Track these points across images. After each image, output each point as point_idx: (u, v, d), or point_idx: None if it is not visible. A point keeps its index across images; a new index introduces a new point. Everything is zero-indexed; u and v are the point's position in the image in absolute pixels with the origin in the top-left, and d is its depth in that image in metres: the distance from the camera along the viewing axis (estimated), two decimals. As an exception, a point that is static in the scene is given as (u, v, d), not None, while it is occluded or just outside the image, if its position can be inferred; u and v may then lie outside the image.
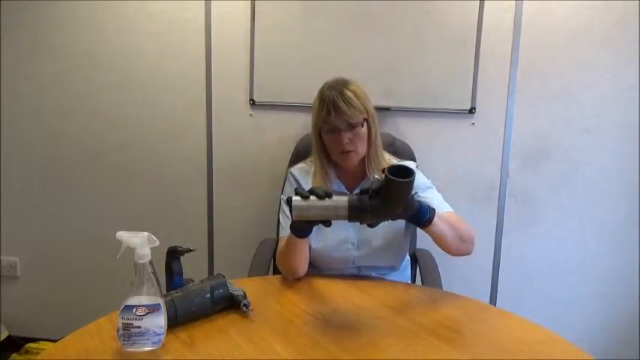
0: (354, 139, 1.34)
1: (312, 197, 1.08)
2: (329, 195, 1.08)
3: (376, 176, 1.39)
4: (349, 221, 1.08)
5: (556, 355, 1.00)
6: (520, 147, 1.95)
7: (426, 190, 1.41)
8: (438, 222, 1.19)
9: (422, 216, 1.15)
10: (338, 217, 1.08)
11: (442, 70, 1.90)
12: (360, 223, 1.09)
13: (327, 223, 1.10)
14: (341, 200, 1.07)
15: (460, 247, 1.29)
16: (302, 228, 1.19)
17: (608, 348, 2.02)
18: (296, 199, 1.08)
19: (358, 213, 1.06)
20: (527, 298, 2.03)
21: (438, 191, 1.43)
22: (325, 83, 1.38)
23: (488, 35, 1.87)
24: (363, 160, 1.40)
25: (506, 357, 0.98)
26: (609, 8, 1.83)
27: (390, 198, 1.05)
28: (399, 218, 1.12)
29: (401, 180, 1.02)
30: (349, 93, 1.33)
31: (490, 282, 2.04)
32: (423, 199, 1.36)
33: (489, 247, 2.01)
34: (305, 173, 1.46)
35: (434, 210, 1.17)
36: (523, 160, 1.96)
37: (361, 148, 1.37)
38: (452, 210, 1.38)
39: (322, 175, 1.40)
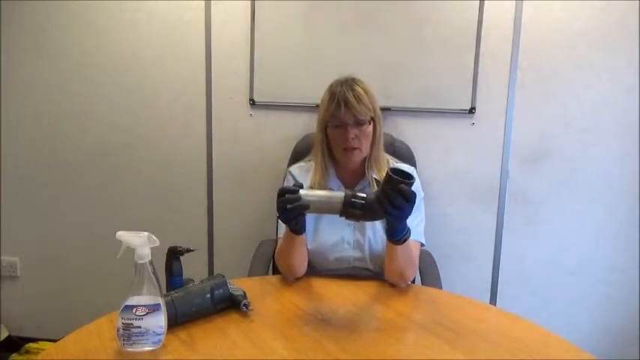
0: (360, 136, 1.36)
1: (302, 191, 1.13)
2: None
3: (374, 176, 1.40)
4: (340, 216, 1.11)
5: (556, 355, 1.00)
6: (520, 147, 1.95)
7: (417, 205, 1.42)
8: (407, 247, 1.22)
9: (400, 230, 1.18)
10: (332, 211, 1.12)
11: (442, 70, 1.90)
12: (351, 219, 1.12)
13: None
14: (336, 195, 1.12)
15: (392, 279, 1.30)
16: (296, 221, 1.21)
17: (608, 348, 2.02)
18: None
19: (352, 209, 1.10)
20: (527, 298, 2.03)
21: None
22: (335, 80, 1.40)
23: (489, 35, 1.87)
24: (364, 159, 1.41)
25: (506, 357, 0.98)
26: (609, 8, 1.82)
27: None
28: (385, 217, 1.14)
29: (403, 180, 1.06)
30: (359, 89, 1.36)
31: (490, 282, 2.04)
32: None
33: (489, 247, 2.01)
34: (305, 171, 1.47)
35: (409, 234, 1.21)
36: (523, 160, 1.96)
37: (365, 147, 1.38)
38: (421, 241, 1.40)
39: (322, 172, 1.41)
